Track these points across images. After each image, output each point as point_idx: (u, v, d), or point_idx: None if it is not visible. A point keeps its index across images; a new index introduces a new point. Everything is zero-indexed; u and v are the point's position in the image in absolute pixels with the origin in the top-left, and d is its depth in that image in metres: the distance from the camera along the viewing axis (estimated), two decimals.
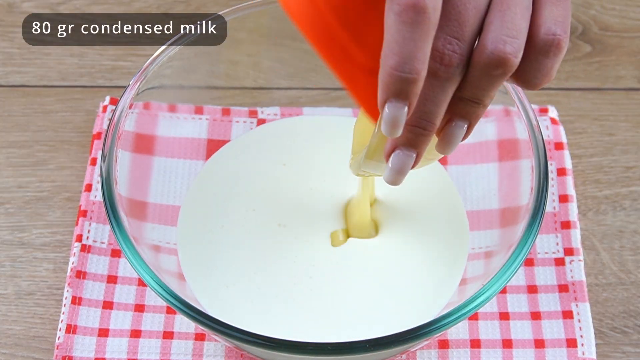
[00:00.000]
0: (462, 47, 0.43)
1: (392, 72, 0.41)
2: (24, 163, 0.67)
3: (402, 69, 0.41)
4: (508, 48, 0.42)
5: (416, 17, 0.41)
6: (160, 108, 0.64)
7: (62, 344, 0.58)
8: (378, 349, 0.48)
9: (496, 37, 0.42)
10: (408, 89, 0.42)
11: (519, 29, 0.43)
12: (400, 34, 0.41)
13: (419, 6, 0.41)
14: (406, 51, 0.41)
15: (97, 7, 0.75)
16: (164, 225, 0.61)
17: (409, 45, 0.41)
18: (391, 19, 0.41)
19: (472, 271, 0.58)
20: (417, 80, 0.42)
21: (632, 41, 0.74)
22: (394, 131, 0.43)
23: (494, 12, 0.43)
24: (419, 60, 0.41)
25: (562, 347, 0.58)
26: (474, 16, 0.43)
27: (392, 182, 0.46)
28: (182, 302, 0.50)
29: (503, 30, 0.42)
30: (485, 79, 0.43)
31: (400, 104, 0.42)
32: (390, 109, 0.42)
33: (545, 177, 0.53)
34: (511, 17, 0.43)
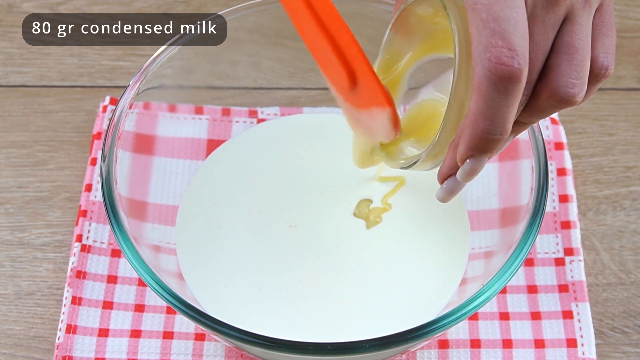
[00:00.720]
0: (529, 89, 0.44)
1: (483, 135, 0.42)
2: (24, 163, 0.67)
3: (494, 133, 0.42)
4: (577, 90, 0.43)
5: (512, 87, 0.41)
6: (160, 108, 0.64)
7: (62, 344, 0.58)
8: (378, 349, 0.48)
9: (566, 81, 0.43)
10: (495, 147, 0.43)
11: (584, 69, 0.44)
12: (494, 102, 0.42)
13: (516, 77, 0.41)
14: (499, 117, 0.42)
15: (97, 7, 0.75)
16: (164, 225, 0.61)
17: (503, 111, 0.42)
18: (484, 84, 0.41)
19: (472, 271, 0.58)
20: (505, 139, 0.43)
21: (632, 41, 0.74)
22: (472, 178, 0.45)
23: (563, 55, 0.44)
24: (509, 122, 0.42)
25: (562, 347, 0.58)
26: (542, 60, 0.44)
27: (443, 200, 0.49)
28: (182, 302, 0.50)
29: (573, 74, 0.43)
30: (546, 112, 0.45)
31: (485, 157, 0.44)
32: (474, 163, 0.44)
33: (545, 177, 0.53)
34: (579, 61, 0.44)
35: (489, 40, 0.41)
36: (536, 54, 0.43)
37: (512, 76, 0.41)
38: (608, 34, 0.45)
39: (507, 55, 0.41)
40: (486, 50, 0.41)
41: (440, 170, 0.48)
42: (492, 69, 0.41)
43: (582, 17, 0.44)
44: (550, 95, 0.44)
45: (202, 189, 0.63)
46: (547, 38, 0.43)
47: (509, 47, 0.41)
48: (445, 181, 0.48)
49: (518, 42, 0.41)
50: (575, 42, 0.44)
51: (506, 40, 0.41)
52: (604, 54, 0.45)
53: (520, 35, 0.41)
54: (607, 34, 0.45)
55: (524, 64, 0.41)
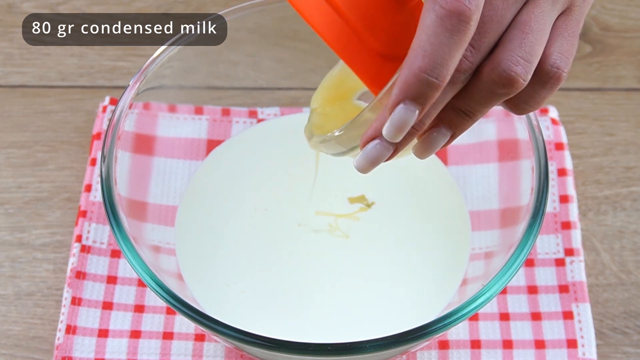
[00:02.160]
0: (475, 56, 0.42)
1: (419, 73, 0.40)
2: (24, 163, 0.67)
3: (431, 73, 0.40)
4: (520, 70, 0.42)
5: (459, 24, 0.39)
6: (160, 108, 0.64)
7: (62, 344, 0.58)
8: (378, 349, 0.48)
9: (511, 56, 0.42)
10: (429, 94, 0.40)
11: (535, 53, 0.42)
12: (437, 38, 0.40)
13: (465, 15, 0.39)
14: (440, 56, 0.40)
15: (97, 7, 0.75)
16: (164, 226, 0.61)
17: (444, 51, 0.40)
18: (431, 19, 0.40)
19: (472, 272, 0.58)
20: (440, 87, 0.40)
21: (632, 41, 0.74)
22: (398, 135, 0.42)
23: (516, 31, 0.42)
24: (448, 67, 0.40)
25: (562, 348, 0.58)
26: (496, 30, 0.42)
27: (361, 170, 0.44)
28: (182, 303, 0.50)
29: (519, 51, 0.42)
30: (487, 94, 0.42)
31: (415, 107, 0.41)
32: (402, 111, 0.41)
33: (545, 178, 0.53)
34: (532, 41, 0.42)
35: None
36: (492, 20, 0.41)
37: (462, 13, 0.39)
38: (569, 38, 0.44)
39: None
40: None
41: (365, 133, 0.44)
42: (442, 3, 0.39)
43: (545, 4, 0.43)
44: (492, 69, 0.41)
45: (202, 189, 0.63)
46: (506, 8, 0.42)
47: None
48: (368, 144, 0.43)
49: None
50: (532, 23, 0.42)
51: None
52: (558, 54, 0.43)
53: None
54: (567, 38, 0.44)
55: (475, 7, 0.39)
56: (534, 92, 0.43)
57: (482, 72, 0.42)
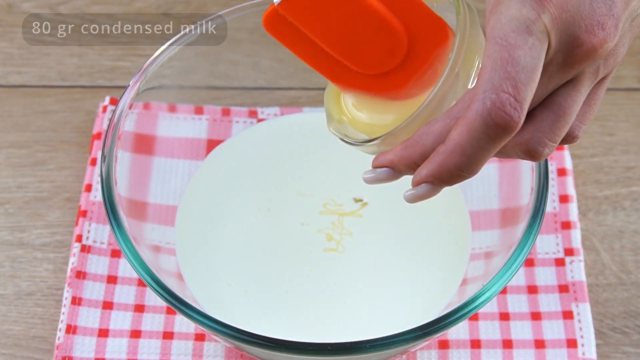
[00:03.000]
0: None
1: (453, 169, 0.41)
2: (24, 163, 0.67)
3: (464, 171, 0.42)
4: (546, 152, 0.42)
5: (502, 135, 0.40)
6: (160, 108, 0.64)
7: (62, 344, 0.58)
8: (378, 349, 0.48)
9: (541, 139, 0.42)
10: (457, 182, 0.42)
11: (563, 134, 0.43)
12: (478, 142, 0.40)
13: (510, 127, 0.40)
14: (477, 157, 0.41)
15: (97, 7, 0.75)
16: (164, 226, 0.61)
17: (483, 154, 0.41)
18: (477, 123, 0.40)
19: (472, 271, 0.58)
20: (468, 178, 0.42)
21: (632, 41, 0.73)
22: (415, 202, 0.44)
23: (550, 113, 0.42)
24: (482, 166, 0.42)
25: (562, 348, 0.58)
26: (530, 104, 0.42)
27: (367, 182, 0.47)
28: (182, 302, 0.50)
29: (550, 136, 0.42)
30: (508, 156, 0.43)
31: (441, 188, 0.43)
32: (427, 188, 0.43)
33: (545, 177, 0.53)
34: (563, 126, 0.42)
35: (501, 82, 0.39)
36: None
37: (508, 127, 0.40)
38: (594, 105, 0.44)
39: (512, 105, 0.39)
40: (493, 91, 0.39)
41: (378, 157, 0.46)
42: (492, 113, 0.39)
43: (585, 85, 0.43)
44: (520, 144, 0.42)
45: (202, 189, 0.63)
46: (544, 93, 0.42)
47: (517, 98, 0.39)
48: (379, 170, 0.46)
49: (526, 96, 0.40)
50: (568, 108, 0.42)
51: (516, 90, 0.39)
52: (579, 124, 0.43)
53: (531, 90, 0.40)
54: (592, 105, 0.44)
55: (522, 117, 0.40)
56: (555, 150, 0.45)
57: (509, 142, 0.42)
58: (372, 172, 0.46)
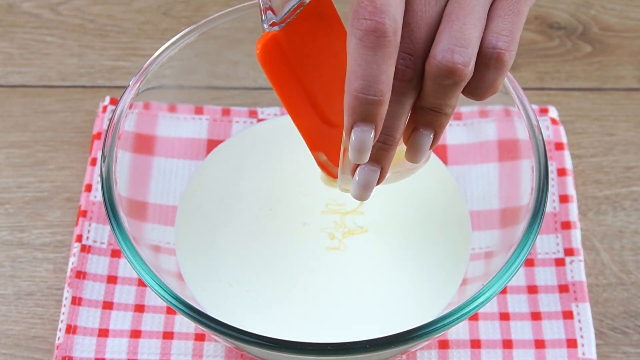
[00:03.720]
0: (414, 62, 0.43)
1: (357, 95, 0.42)
2: (24, 163, 0.67)
3: (367, 92, 0.42)
4: (456, 57, 0.42)
5: (377, 40, 0.41)
6: (160, 108, 0.64)
7: (62, 344, 0.58)
8: (378, 349, 0.48)
9: (444, 47, 0.43)
10: (374, 111, 0.42)
11: (468, 38, 0.43)
12: (362, 58, 0.42)
13: (380, 30, 0.41)
14: (370, 74, 0.42)
15: (97, 7, 0.75)
16: (164, 226, 0.61)
17: (372, 68, 0.42)
18: (353, 43, 0.42)
19: (472, 271, 0.58)
20: (382, 102, 0.42)
21: (632, 41, 0.74)
22: (362, 156, 0.44)
23: (444, 23, 0.43)
24: (382, 82, 0.42)
25: (562, 348, 0.58)
26: (426, 32, 0.43)
27: (358, 197, 0.47)
28: (182, 302, 0.50)
29: (451, 40, 0.43)
30: (439, 89, 0.44)
31: (366, 127, 0.43)
32: (357, 134, 0.43)
33: (545, 178, 0.53)
34: (459, 27, 0.43)
35: (358, 2, 0.41)
36: (417, 23, 0.43)
37: (376, 30, 0.41)
38: (507, 17, 0.44)
39: (371, 12, 0.41)
40: (355, 12, 0.41)
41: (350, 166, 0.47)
42: (357, 25, 0.41)
43: None
44: (430, 65, 0.43)
45: (202, 189, 0.63)
46: (428, 8, 0.43)
47: (374, 6, 0.41)
48: (355, 172, 0.46)
49: (385, 2, 0.41)
50: (456, 10, 0.43)
51: (373, 1, 0.41)
52: (495, 34, 0.44)
53: None
54: (504, 17, 0.44)
55: (387, 19, 0.41)
56: (481, 77, 0.44)
57: (425, 71, 0.43)
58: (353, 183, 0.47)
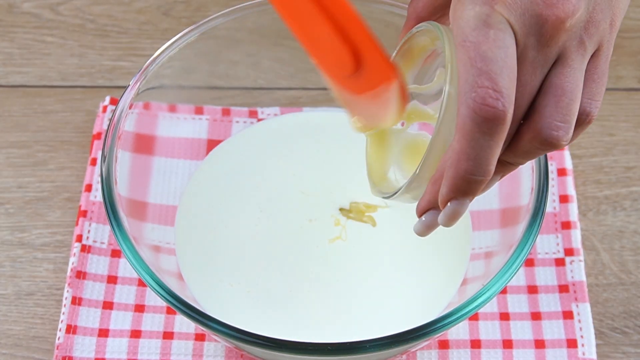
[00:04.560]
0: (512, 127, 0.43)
1: (466, 176, 0.42)
2: (24, 163, 0.67)
3: (477, 174, 0.42)
4: (561, 134, 0.42)
5: (496, 128, 0.40)
6: (160, 108, 0.64)
7: (62, 344, 0.58)
8: (378, 349, 0.48)
9: (551, 123, 0.42)
10: (477, 188, 0.42)
11: (572, 113, 0.43)
12: (477, 143, 0.41)
13: (500, 118, 0.40)
14: (483, 157, 0.41)
15: (97, 7, 0.75)
16: (164, 226, 0.61)
17: (486, 152, 0.41)
18: (468, 125, 0.41)
19: (472, 271, 0.58)
20: (487, 180, 0.42)
21: (632, 41, 0.74)
22: (452, 223, 0.44)
23: (550, 96, 0.42)
24: (492, 164, 0.42)
25: (562, 348, 0.58)
26: (528, 101, 0.43)
27: (420, 235, 0.48)
28: (182, 302, 0.50)
29: (558, 117, 0.42)
30: (531, 154, 0.44)
31: (467, 200, 0.43)
32: (455, 206, 0.43)
33: (545, 178, 0.53)
34: (567, 103, 0.42)
35: (475, 80, 0.40)
36: (522, 94, 0.42)
37: (496, 118, 0.40)
38: (598, 80, 0.44)
39: (492, 97, 0.40)
40: (472, 90, 0.40)
41: (419, 204, 0.47)
42: (477, 110, 0.40)
43: (575, 60, 0.43)
44: (533, 137, 0.43)
45: (201, 189, 0.63)
46: (534, 79, 0.42)
47: (495, 89, 0.40)
48: (424, 215, 0.47)
49: (504, 84, 0.40)
50: (564, 85, 0.42)
51: (492, 81, 0.40)
52: (588, 100, 0.44)
53: (508, 77, 0.40)
54: (597, 80, 0.44)
55: (508, 105, 0.40)
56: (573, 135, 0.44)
57: (523, 138, 0.43)
58: (419, 222, 0.47)
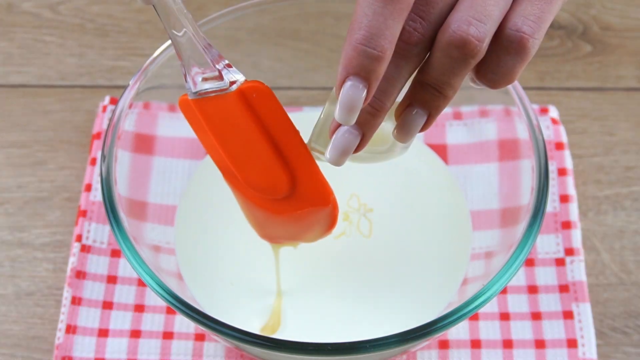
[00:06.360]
0: (425, 27, 0.41)
1: (357, 45, 0.39)
2: (24, 163, 0.67)
3: (368, 44, 0.39)
4: (472, 30, 0.40)
5: None
6: (160, 108, 0.64)
7: (62, 344, 0.58)
8: (378, 349, 0.48)
9: (461, 17, 0.40)
10: (371, 67, 0.40)
11: (488, 14, 0.41)
12: (370, 8, 0.39)
13: None
14: (374, 26, 0.39)
15: (97, 7, 0.75)
16: (164, 226, 0.61)
17: (378, 20, 0.39)
18: None
19: (472, 271, 0.58)
20: (382, 58, 0.40)
21: (632, 41, 0.74)
22: (349, 115, 0.41)
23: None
24: (386, 37, 0.39)
25: (562, 348, 0.58)
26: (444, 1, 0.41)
27: (334, 162, 0.44)
28: (182, 302, 0.50)
29: (470, 12, 0.40)
30: (446, 62, 0.41)
31: (360, 83, 0.40)
32: (348, 89, 0.40)
33: (545, 177, 0.53)
34: (482, 2, 0.41)
35: None
36: None
37: None
38: (536, 2, 0.42)
39: None
40: None
41: (330, 125, 0.44)
42: None
43: None
44: (443, 32, 0.40)
45: (201, 189, 0.63)
46: None
47: None
48: (335, 135, 0.43)
49: None
50: None
51: None
52: (521, 17, 0.41)
53: None
54: (534, 1, 0.42)
55: None
56: (499, 60, 0.42)
57: (436, 39, 0.41)
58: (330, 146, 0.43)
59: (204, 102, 0.48)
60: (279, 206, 0.50)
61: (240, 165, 0.49)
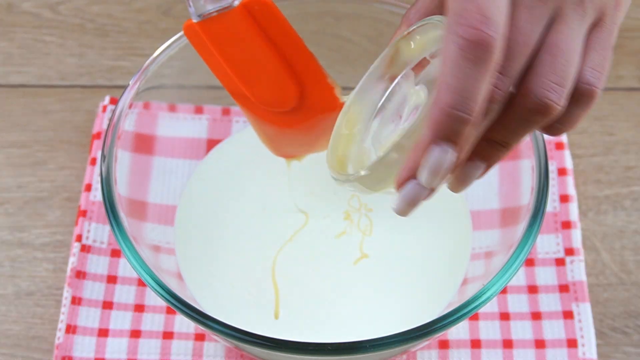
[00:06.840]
0: (506, 84, 0.40)
1: (447, 110, 0.38)
2: (24, 163, 0.67)
3: (460, 108, 0.38)
4: (554, 96, 0.40)
5: (482, 55, 0.38)
6: (160, 108, 0.64)
7: (62, 344, 0.58)
8: (378, 349, 0.48)
9: (543, 82, 0.40)
10: (460, 130, 0.38)
11: (567, 76, 0.40)
12: (461, 71, 0.38)
13: (486, 43, 0.37)
14: (466, 90, 0.38)
15: (97, 7, 0.75)
16: (164, 225, 0.61)
17: (470, 83, 0.38)
18: (452, 51, 0.38)
19: (472, 271, 0.58)
20: (472, 123, 0.38)
21: (632, 41, 0.74)
22: (435, 179, 0.40)
23: (545, 54, 0.40)
24: (477, 100, 0.38)
25: (562, 348, 0.58)
26: (527, 56, 0.40)
27: (401, 213, 0.42)
28: (182, 302, 0.50)
29: (551, 77, 0.40)
30: (522, 123, 0.41)
31: (448, 147, 0.39)
32: (436, 153, 0.39)
33: (545, 177, 0.53)
34: (563, 63, 0.40)
35: (463, 5, 0.38)
36: (518, 43, 0.40)
37: (482, 41, 0.37)
38: (601, 51, 0.42)
39: (479, 20, 0.37)
40: (458, 16, 0.38)
41: (398, 174, 0.42)
42: (462, 33, 0.37)
43: (573, 19, 0.41)
44: (525, 97, 0.40)
45: (201, 189, 0.63)
46: (532, 29, 0.40)
47: (482, 14, 0.37)
48: (404, 186, 0.41)
49: (493, 12, 0.37)
50: (560, 43, 0.40)
51: (480, 8, 0.37)
52: (591, 70, 0.41)
53: (497, 8, 0.38)
54: (599, 50, 0.42)
55: (496, 32, 0.37)
56: (569, 113, 0.42)
57: (515, 101, 0.40)
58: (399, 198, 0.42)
59: (209, 24, 0.49)
60: (290, 118, 0.51)
61: (248, 82, 0.50)
